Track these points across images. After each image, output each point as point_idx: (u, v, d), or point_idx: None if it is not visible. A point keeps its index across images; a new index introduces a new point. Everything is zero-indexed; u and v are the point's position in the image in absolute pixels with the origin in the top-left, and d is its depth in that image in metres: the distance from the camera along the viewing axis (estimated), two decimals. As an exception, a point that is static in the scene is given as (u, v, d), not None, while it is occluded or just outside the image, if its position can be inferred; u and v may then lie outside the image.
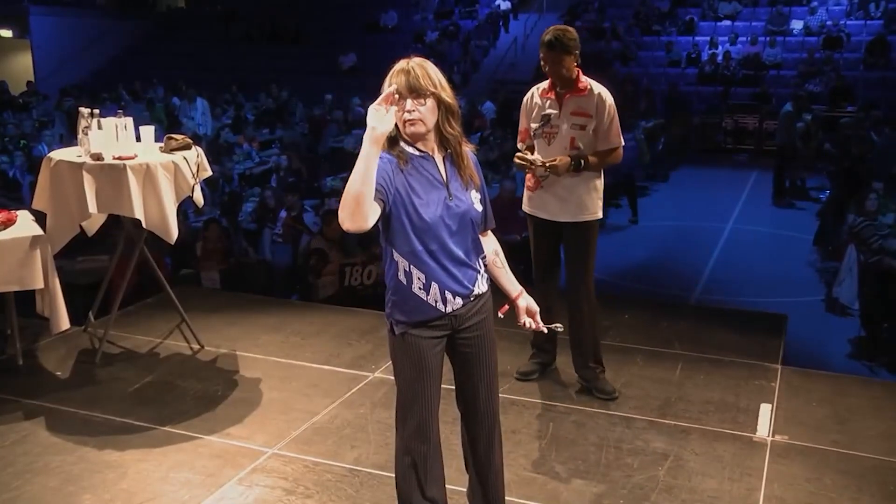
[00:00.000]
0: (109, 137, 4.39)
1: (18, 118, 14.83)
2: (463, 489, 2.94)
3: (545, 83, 4.11)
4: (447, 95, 2.50)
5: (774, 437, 3.83)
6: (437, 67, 2.52)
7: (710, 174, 14.39)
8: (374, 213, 2.37)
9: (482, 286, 2.65)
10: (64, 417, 3.98)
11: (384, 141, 2.50)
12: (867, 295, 7.05)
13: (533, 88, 4.16)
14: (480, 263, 2.66)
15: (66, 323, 4.35)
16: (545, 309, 4.26)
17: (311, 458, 3.62)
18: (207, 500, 3.31)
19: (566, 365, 4.49)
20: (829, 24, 17.82)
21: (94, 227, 4.79)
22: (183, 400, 4.18)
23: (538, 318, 2.78)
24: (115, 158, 4.24)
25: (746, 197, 12.51)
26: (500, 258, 2.77)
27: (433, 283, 2.53)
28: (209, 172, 4.72)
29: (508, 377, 4.33)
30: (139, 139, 4.66)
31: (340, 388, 4.32)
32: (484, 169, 10.38)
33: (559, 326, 2.96)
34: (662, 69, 18.06)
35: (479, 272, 2.64)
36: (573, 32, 3.98)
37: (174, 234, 4.33)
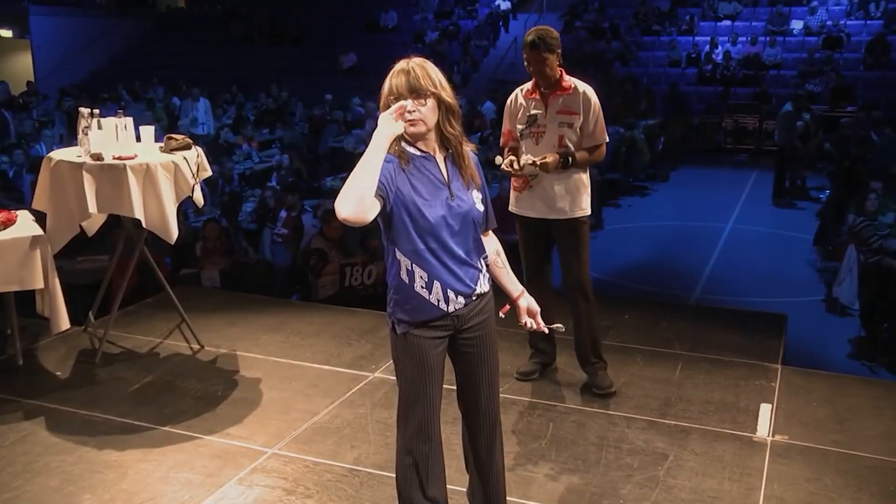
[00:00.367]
0: (109, 137, 4.39)
1: (18, 118, 14.83)
2: (463, 489, 2.94)
3: (528, 84, 4.13)
4: (447, 95, 2.51)
5: (774, 437, 3.83)
6: (437, 68, 2.52)
7: (710, 174, 14.39)
8: (374, 208, 2.38)
9: (484, 285, 2.66)
10: (64, 417, 3.98)
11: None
12: (867, 295, 7.05)
13: (516, 90, 4.18)
14: (482, 263, 2.66)
15: (66, 323, 4.35)
16: (542, 309, 4.28)
17: (311, 458, 3.62)
18: (207, 500, 3.31)
19: (566, 365, 4.49)
20: (829, 24, 17.83)
21: (94, 227, 4.79)
22: (183, 400, 4.18)
23: (539, 318, 2.79)
24: (115, 158, 4.24)
25: (746, 197, 12.51)
26: (501, 258, 2.78)
27: (435, 281, 2.54)
28: (209, 172, 4.72)
29: (508, 377, 4.33)
30: (139, 139, 4.66)
31: (340, 388, 4.32)
32: (484, 169, 10.46)
33: (560, 326, 2.96)
34: (662, 69, 18.07)
35: (480, 271, 2.64)
36: (554, 32, 4.03)
37: (174, 234, 4.33)
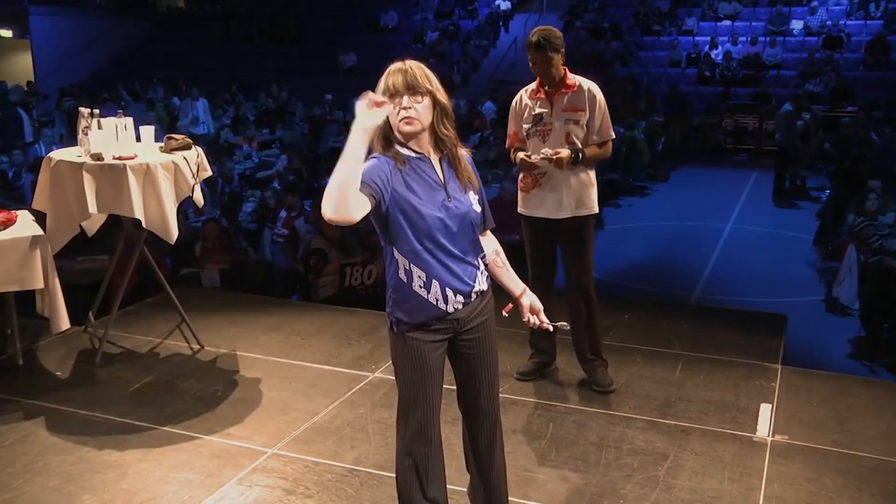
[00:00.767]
0: (109, 137, 4.39)
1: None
2: (463, 489, 2.94)
3: (532, 85, 4.15)
4: (442, 96, 2.52)
5: (774, 437, 3.83)
6: (432, 71, 2.53)
7: (710, 174, 14.39)
8: (360, 206, 2.31)
9: (482, 283, 2.65)
10: (64, 417, 3.98)
11: (379, 141, 2.50)
12: (867, 295, 7.05)
13: (521, 91, 4.20)
14: (480, 261, 2.66)
15: (66, 323, 4.35)
16: (546, 308, 4.28)
17: (311, 458, 3.62)
18: (207, 500, 3.31)
19: (566, 365, 4.49)
20: (829, 24, 17.84)
21: (94, 227, 4.79)
22: (183, 400, 4.18)
23: (542, 315, 2.77)
24: (115, 158, 4.24)
25: (746, 197, 12.52)
26: (500, 257, 2.78)
27: (433, 280, 2.53)
28: (209, 172, 4.72)
29: (508, 377, 4.33)
30: (139, 139, 4.66)
31: (340, 388, 4.32)
32: (484, 169, 10.43)
33: (565, 325, 2.93)
34: (662, 69, 18.08)
35: (478, 269, 2.64)
36: (557, 31, 4.05)
37: (174, 234, 4.33)
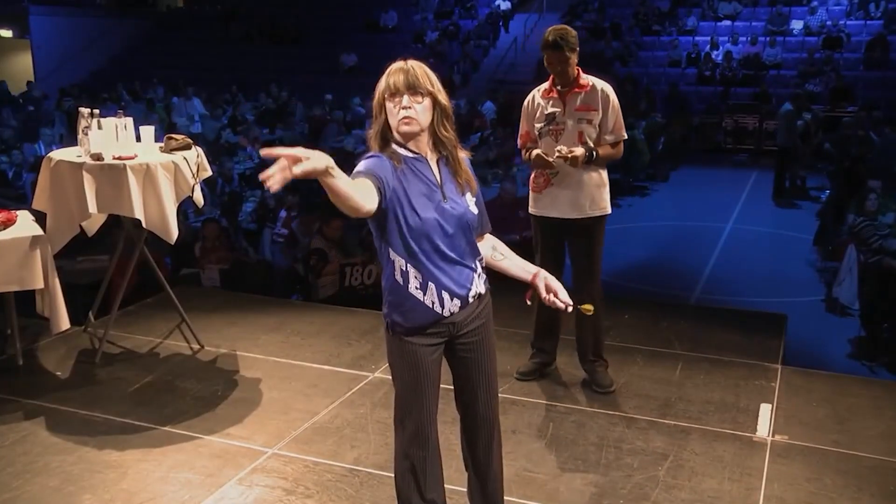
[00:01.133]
0: (109, 137, 4.39)
1: (18, 118, 14.83)
2: (463, 489, 2.94)
3: (545, 84, 4.14)
4: (443, 98, 2.50)
5: (774, 437, 3.83)
6: (433, 71, 2.52)
7: (710, 174, 14.39)
8: (370, 196, 2.33)
9: (480, 287, 2.63)
10: (64, 417, 3.98)
11: (377, 141, 2.51)
12: (867, 295, 7.05)
13: (533, 91, 4.18)
14: (477, 264, 2.64)
15: (66, 323, 4.35)
16: (550, 308, 4.26)
17: (311, 458, 3.62)
18: (207, 500, 3.31)
19: (566, 365, 4.49)
20: (829, 24, 17.84)
21: (94, 227, 4.79)
22: (183, 400, 4.18)
23: (562, 294, 2.67)
24: (115, 158, 4.24)
25: (746, 197, 12.52)
26: (498, 251, 2.75)
27: (430, 282, 2.51)
28: (209, 172, 4.72)
29: (508, 377, 4.33)
30: (139, 139, 4.66)
31: (340, 388, 4.32)
32: (484, 169, 10.41)
33: (590, 309, 2.82)
34: (662, 69, 18.08)
35: (475, 272, 2.61)
36: (573, 31, 4.04)
37: (174, 234, 4.33)
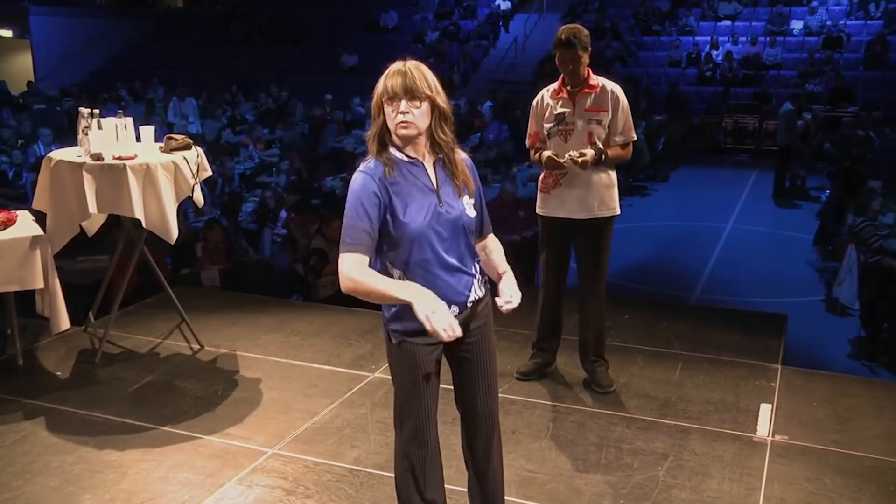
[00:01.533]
0: (109, 137, 4.39)
1: (18, 118, 14.82)
2: (463, 489, 2.94)
3: (554, 84, 4.12)
4: (442, 101, 2.47)
5: (774, 437, 3.83)
6: (432, 72, 2.49)
7: (710, 174, 14.40)
8: (365, 274, 2.50)
9: (479, 291, 2.62)
10: (64, 417, 3.98)
11: (374, 143, 2.49)
12: (867, 295, 7.04)
13: (542, 91, 4.16)
14: (476, 268, 2.63)
15: (66, 323, 4.36)
16: (554, 308, 4.27)
17: (311, 458, 3.62)
18: (207, 500, 3.31)
19: (566, 365, 4.49)
20: (829, 24, 17.84)
21: (94, 227, 4.79)
22: (183, 400, 4.18)
23: (504, 297, 2.58)
24: (115, 158, 4.24)
25: (746, 197, 12.52)
26: (486, 250, 2.72)
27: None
28: (209, 172, 4.72)
29: (508, 377, 4.33)
30: (139, 139, 4.66)
31: (340, 388, 4.32)
32: (484, 169, 10.40)
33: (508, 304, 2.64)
34: (662, 69, 18.08)
35: (474, 277, 2.60)
36: (585, 30, 4.03)
37: (174, 234, 4.33)
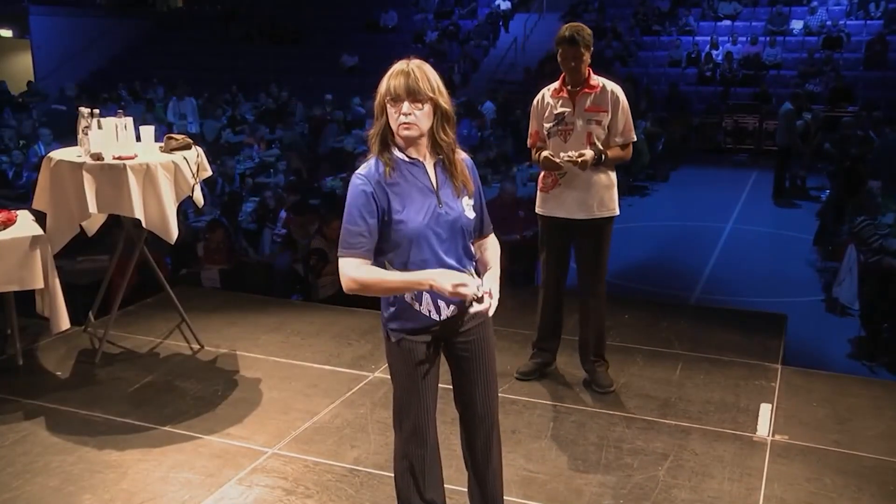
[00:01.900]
0: (109, 137, 4.39)
1: (18, 118, 14.83)
2: (463, 489, 2.94)
3: (555, 84, 4.13)
4: (444, 101, 2.47)
5: (774, 437, 3.83)
6: (435, 71, 2.49)
7: (710, 174, 14.40)
8: (367, 272, 2.50)
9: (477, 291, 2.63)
10: (64, 417, 3.98)
11: (376, 143, 2.49)
12: (867, 295, 7.04)
13: (543, 90, 4.17)
14: (474, 269, 2.63)
15: (66, 323, 4.36)
16: (554, 308, 4.27)
17: (311, 458, 3.62)
18: (207, 500, 3.31)
19: (566, 365, 4.49)
20: (829, 24, 17.84)
21: (94, 227, 4.79)
22: (183, 400, 4.18)
23: (465, 290, 2.45)
24: (115, 158, 4.24)
25: (746, 197, 12.52)
26: (481, 248, 2.70)
27: (424, 293, 2.51)
28: (209, 172, 4.72)
29: (508, 377, 4.33)
30: (139, 139, 4.66)
31: (340, 388, 4.32)
32: (484, 169, 10.40)
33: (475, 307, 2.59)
34: (662, 69, 18.08)
35: (472, 278, 2.60)
36: (588, 29, 4.04)
37: (174, 234, 4.33)
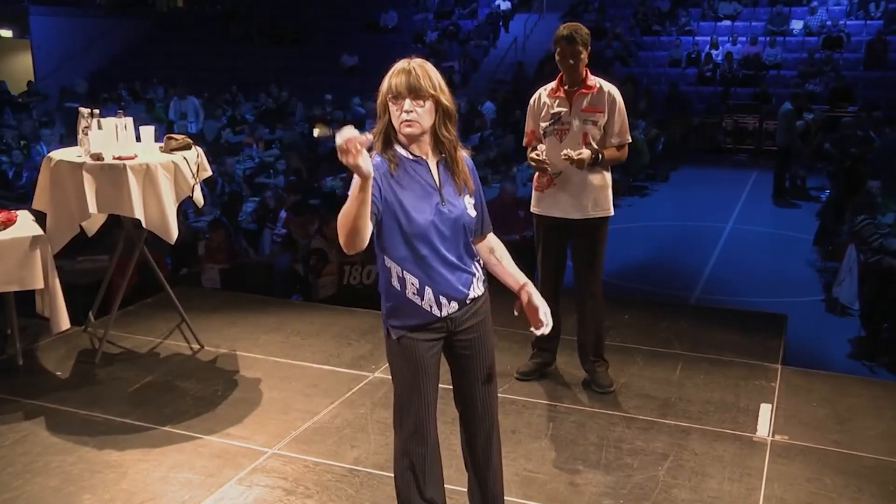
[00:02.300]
0: (109, 137, 4.39)
1: (18, 118, 14.83)
2: (463, 489, 2.94)
3: (552, 83, 4.13)
4: (446, 99, 2.48)
5: (774, 437, 3.83)
6: (436, 69, 2.50)
7: (710, 174, 14.40)
8: (368, 232, 2.37)
9: (478, 289, 2.63)
10: (64, 417, 3.98)
11: (379, 141, 2.50)
12: (867, 295, 7.04)
13: (540, 89, 4.17)
14: (476, 267, 2.64)
15: (66, 323, 4.35)
16: (553, 306, 4.27)
17: (311, 458, 3.62)
18: (207, 500, 3.31)
19: (566, 365, 4.49)
20: (829, 24, 17.84)
21: (94, 227, 4.79)
22: (183, 400, 4.18)
23: (539, 315, 2.63)
24: (115, 158, 4.24)
25: (746, 197, 12.53)
26: (496, 254, 2.73)
27: (427, 287, 2.52)
28: (209, 172, 4.72)
29: (508, 377, 4.33)
30: (139, 139, 4.66)
31: (340, 388, 4.32)
32: (484, 169, 10.41)
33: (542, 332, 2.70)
34: (662, 69, 18.08)
35: (474, 276, 2.62)
36: (586, 28, 4.06)
37: (174, 234, 4.33)
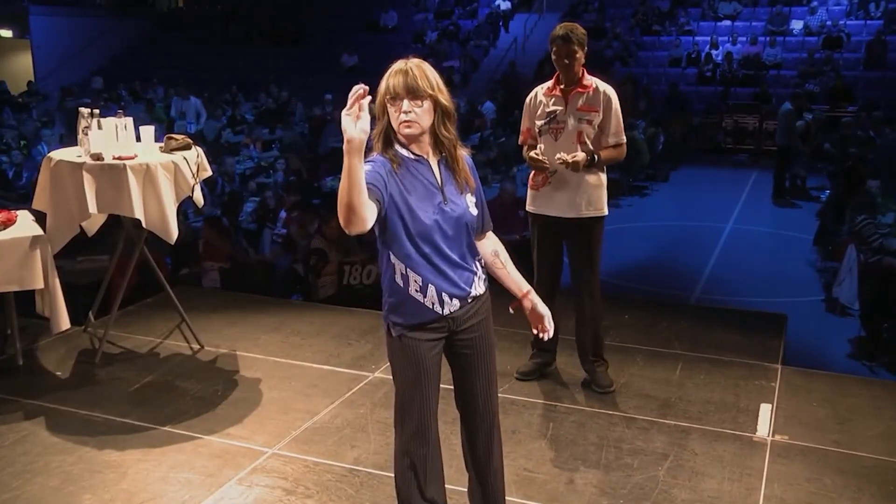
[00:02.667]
0: (109, 137, 4.39)
1: (18, 118, 14.83)
2: (463, 489, 2.94)
3: (548, 82, 4.15)
4: (444, 98, 2.48)
5: (774, 437, 3.83)
6: (434, 69, 2.50)
7: (710, 174, 14.41)
8: (371, 213, 2.33)
9: (479, 288, 2.64)
10: (64, 417, 3.98)
11: (379, 141, 2.50)
12: (867, 295, 7.04)
13: (536, 88, 4.19)
14: (477, 265, 2.65)
15: (66, 323, 4.35)
16: (550, 305, 4.27)
17: (311, 458, 3.62)
18: (207, 500, 3.31)
19: (566, 365, 4.49)
20: (829, 24, 17.85)
21: (94, 227, 4.79)
22: (183, 400, 4.18)
23: (545, 323, 2.73)
24: (115, 158, 4.24)
25: (746, 197, 12.53)
26: (500, 258, 2.75)
27: (430, 285, 2.53)
28: (209, 172, 4.72)
29: (508, 377, 4.33)
30: (139, 139, 4.66)
31: (340, 388, 4.32)
32: (484, 169, 10.41)
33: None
34: (662, 69, 18.08)
35: (475, 274, 2.63)
36: (582, 28, 4.06)
37: (174, 234, 4.33)
